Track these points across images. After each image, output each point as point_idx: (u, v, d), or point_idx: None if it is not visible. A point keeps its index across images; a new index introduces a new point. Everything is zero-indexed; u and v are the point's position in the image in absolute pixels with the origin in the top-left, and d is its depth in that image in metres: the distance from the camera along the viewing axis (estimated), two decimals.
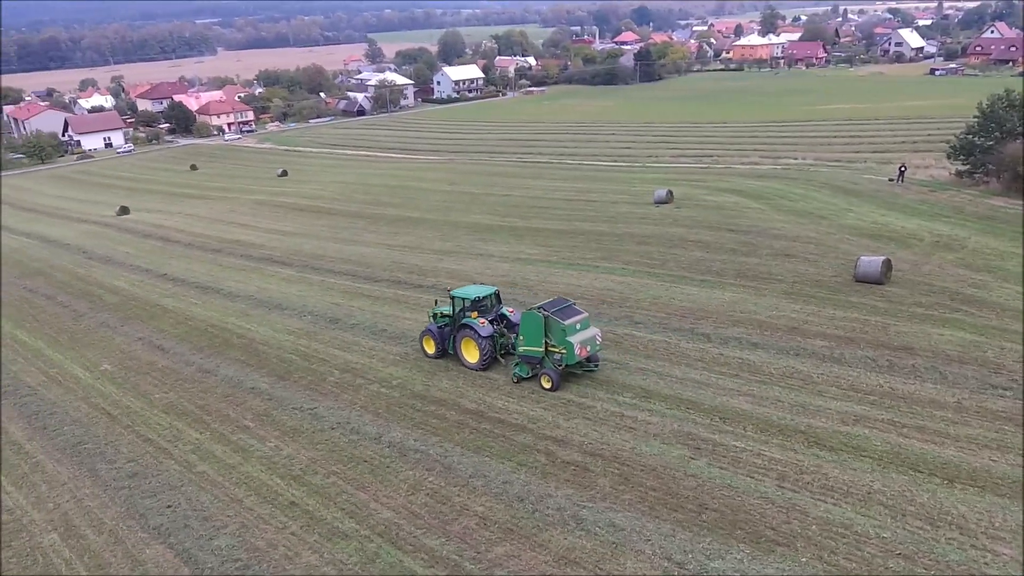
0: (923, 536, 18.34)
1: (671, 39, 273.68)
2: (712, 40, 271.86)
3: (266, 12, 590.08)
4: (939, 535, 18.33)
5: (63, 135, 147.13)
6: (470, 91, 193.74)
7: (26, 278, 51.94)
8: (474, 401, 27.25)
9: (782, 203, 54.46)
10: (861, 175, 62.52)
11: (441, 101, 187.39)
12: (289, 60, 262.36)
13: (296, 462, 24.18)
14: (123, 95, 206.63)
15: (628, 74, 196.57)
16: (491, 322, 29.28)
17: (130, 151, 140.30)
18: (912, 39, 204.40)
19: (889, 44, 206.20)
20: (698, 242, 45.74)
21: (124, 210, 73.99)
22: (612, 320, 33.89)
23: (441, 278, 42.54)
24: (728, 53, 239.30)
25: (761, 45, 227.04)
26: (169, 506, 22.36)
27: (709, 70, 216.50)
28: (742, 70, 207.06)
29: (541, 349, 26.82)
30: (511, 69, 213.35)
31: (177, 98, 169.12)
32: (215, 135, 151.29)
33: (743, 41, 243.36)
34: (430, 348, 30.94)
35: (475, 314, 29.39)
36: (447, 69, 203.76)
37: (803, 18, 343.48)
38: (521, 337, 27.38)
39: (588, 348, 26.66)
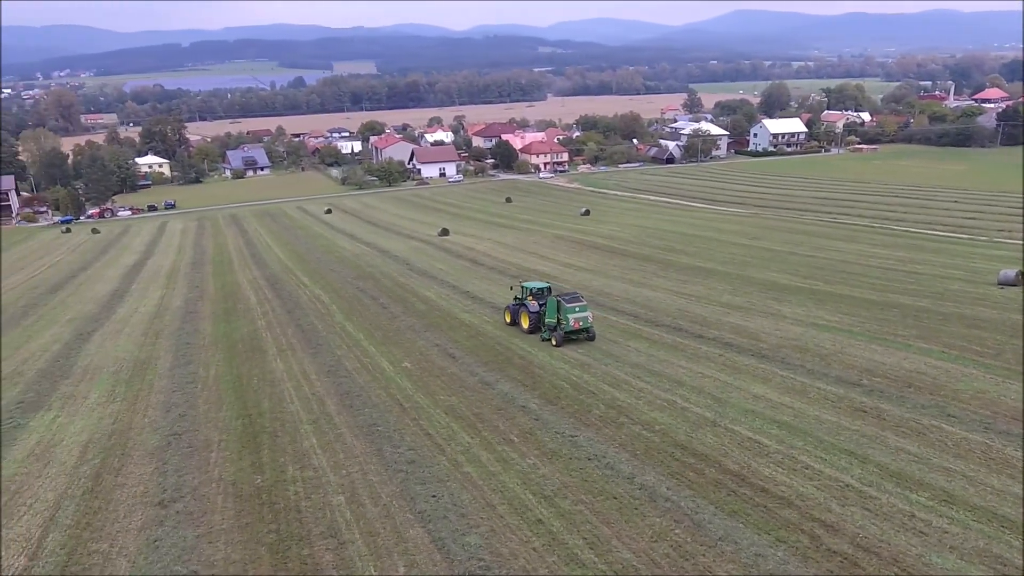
0: None
1: None
2: None
3: (594, 62, 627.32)
4: None
5: (408, 163, 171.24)
6: (788, 145, 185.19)
7: (359, 280, 61.07)
8: (738, 463, 25.56)
9: None
10: None
11: (755, 154, 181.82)
12: (609, 107, 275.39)
13: (549, 483, 24.82)
14: (461, 132, 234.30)
15: (987, 136, 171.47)
16: (540, 305, 42.15)
17: (459, 181, 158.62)
18: None
19: None
20: None
21: (445, 232, 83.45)
22: (918, 407, 29.50)
23: (724, 331, 40.94)
24: None
25: None
26: (434, 496, 24.36)
27: None
28: None
29: (554, 320, 40.48)
30: (839, 124, 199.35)
31: (505, 137, 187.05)
32: (531, 172, 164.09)
33: None
34: (507, 318, 44.62)
35: (531, 298, 42.87)
36: (766, 121, 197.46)
37: None
38: (546, 313, 41.15)
39: (580, 322, 39.60)
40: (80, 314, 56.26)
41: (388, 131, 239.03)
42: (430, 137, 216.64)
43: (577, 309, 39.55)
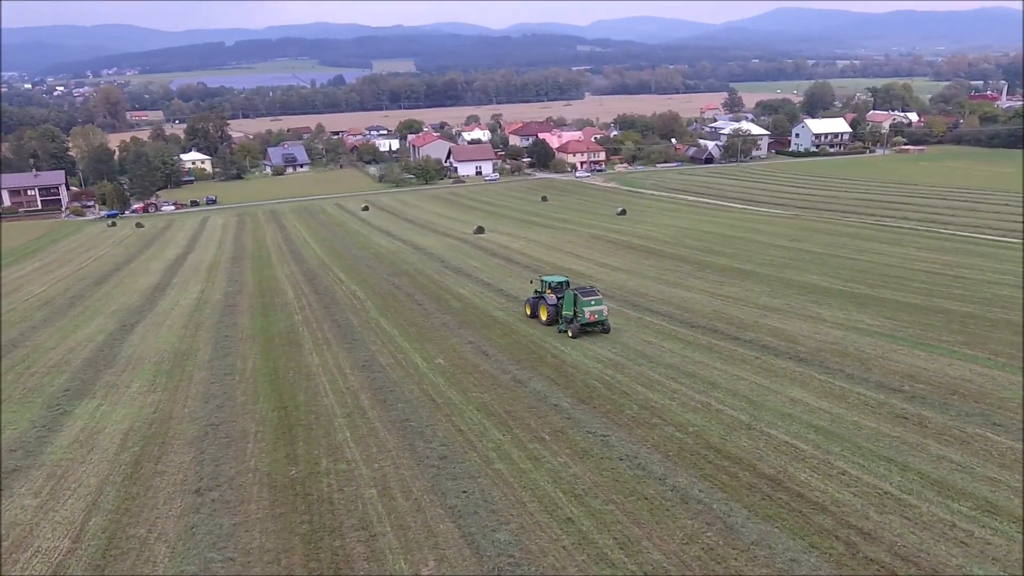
0: None
1: None
2: None
3: (633, 61, 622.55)
4: None
5: (445, 161, 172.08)
6: (831, 145, 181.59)
7: (395, 276, 61.57)
8: (773, 467, 25.14)
9: None
10: None
11: (797, 154, 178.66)
12: (647, 106, 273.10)
13: (580, 482, 24.73)
14: (498, 130, 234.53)
15: None
16: (558, 298, 43.82)
17: (495, 179, 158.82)
18: None
19: None
20: None
21: (480, 230, 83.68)
22: (962, 415, 28.69)
23: (761, 333, 40.32)
24: None
25: None
26: (465, 492, 24.44)
27: None
28: None
29: (571, 313, 41.99)
30: (885, 124, 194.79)
31: (541, 136, 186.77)
32: (568, 171, 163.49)
33: None
34: (527, 311, 46.29)
35: (550, 291, 44.70)
36: (809, 121, 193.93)
37: None
38: (563, 305, 42.83)
39: (596, 315, 41.17)
40: (124, 306, 57.75)
41: (426, 129, 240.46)
42: (467, 135, 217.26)
43: (593, 302, 41.26)
